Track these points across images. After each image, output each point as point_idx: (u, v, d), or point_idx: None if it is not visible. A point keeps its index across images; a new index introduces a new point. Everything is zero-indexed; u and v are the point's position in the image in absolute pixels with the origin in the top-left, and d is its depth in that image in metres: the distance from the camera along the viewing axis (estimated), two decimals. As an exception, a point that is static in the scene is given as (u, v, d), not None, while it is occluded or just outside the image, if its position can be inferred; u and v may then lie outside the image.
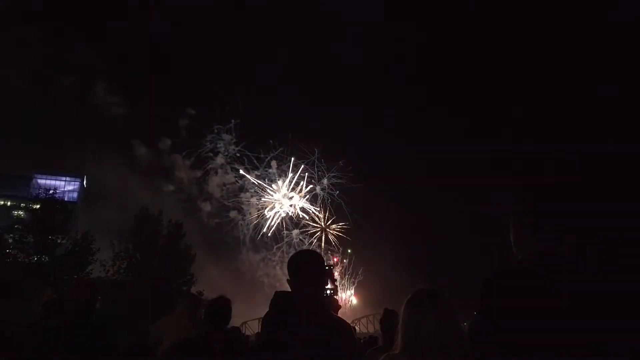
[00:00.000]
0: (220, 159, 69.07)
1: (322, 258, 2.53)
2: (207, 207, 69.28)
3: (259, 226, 67.81)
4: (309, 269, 2.39)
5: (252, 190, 69.00)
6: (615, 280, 1.68)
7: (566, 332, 1.58)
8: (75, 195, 70.73)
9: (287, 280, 2.41)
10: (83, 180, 73.26)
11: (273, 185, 68.62)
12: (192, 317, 4.80)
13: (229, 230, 67.69)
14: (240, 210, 69.08)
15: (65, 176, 72.09)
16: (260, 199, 68.26)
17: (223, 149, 68.66)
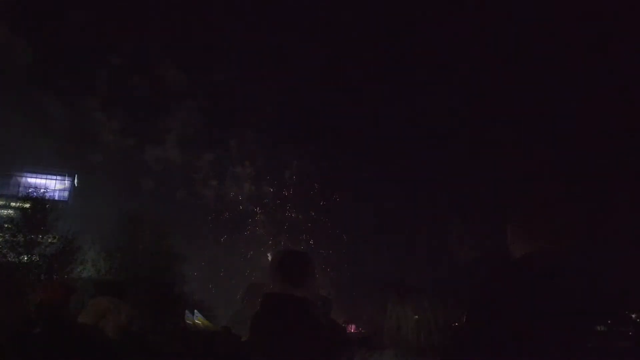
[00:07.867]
0: (173, 136, 63.03)
1: (312, 259, 2.51)
2: (149, 184, 62.29)
3: (219, 211, 62.33)
4: (300, 270, 2.38)
5: (210, 173, 63.78)
6: (608, 282, 1.71)
7: (557, 334, 1.61)
8: (66, 194, 69.96)
9: (279, 280, 2.37)
10: (74, 179, 72.46)
11: (235, 169, 64.18)
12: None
13: (178, 214, 61.14)
14: (195, 194, 63.55)
15: (56, 175, 71.25)
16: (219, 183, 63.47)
17: (179, 125, 63.05)
